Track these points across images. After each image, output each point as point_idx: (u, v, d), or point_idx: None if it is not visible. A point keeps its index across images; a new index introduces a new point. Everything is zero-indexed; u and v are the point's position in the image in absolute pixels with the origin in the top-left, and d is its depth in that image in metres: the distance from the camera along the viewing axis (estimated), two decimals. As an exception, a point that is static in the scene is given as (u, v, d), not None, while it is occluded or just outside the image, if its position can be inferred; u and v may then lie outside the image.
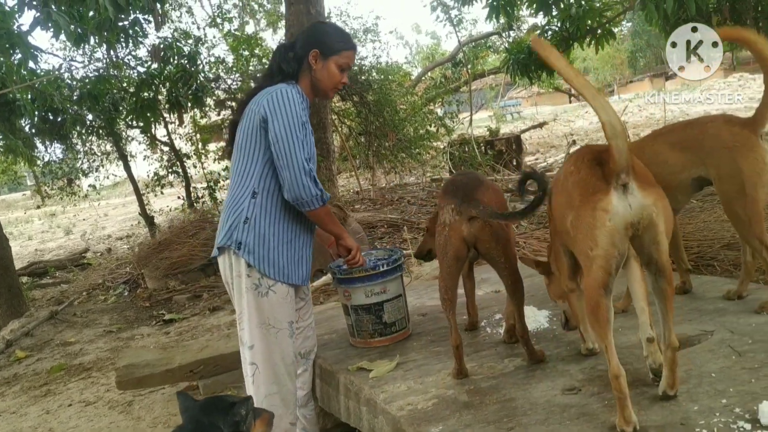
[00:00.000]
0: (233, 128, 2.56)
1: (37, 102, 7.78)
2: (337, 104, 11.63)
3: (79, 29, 6.03)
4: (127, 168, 10.66)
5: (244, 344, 2.48)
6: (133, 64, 9.43)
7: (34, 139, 9.48)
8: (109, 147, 11.31)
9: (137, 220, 12.49)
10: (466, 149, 12.40)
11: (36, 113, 8.05)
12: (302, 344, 2.74)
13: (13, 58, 5.98)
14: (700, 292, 2.84)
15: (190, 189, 10.95)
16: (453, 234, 2.27)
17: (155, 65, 8.89)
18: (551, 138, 20.55)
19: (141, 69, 9.13)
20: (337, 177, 9.75)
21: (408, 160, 11.77)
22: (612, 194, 1.74)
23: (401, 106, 11.67)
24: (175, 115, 9.71)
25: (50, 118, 8.61)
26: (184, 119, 10.55)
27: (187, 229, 8.49)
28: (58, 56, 9.79)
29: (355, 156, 12.77)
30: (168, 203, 11.56)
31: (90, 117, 9.56)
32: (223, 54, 11.95)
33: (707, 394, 1.88)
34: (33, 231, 16.85)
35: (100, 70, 9.42)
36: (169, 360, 4.17)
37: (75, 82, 9.18)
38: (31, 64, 6.08)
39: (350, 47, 2.59)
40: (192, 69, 8.88)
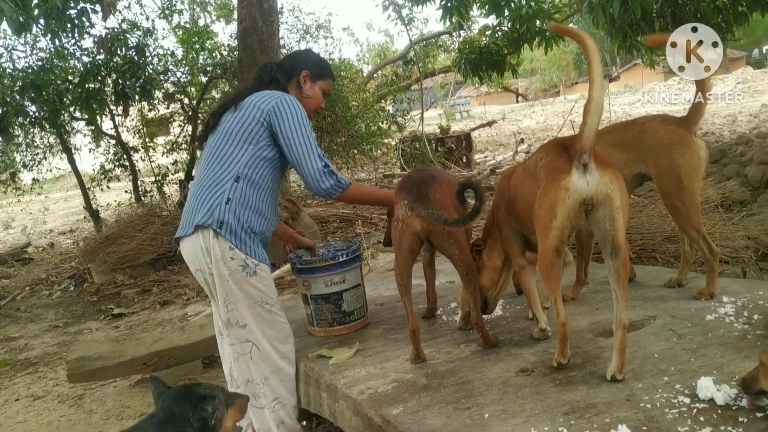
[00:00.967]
0: (217, 116, 2.62)
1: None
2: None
3: (21, 17, 5.87)
4: (72, 161, 10.37)
5: (234, 325, 2.48)
6: (79, 54, 9.19)
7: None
8: (52, 140, 10.98)
9: (82, 215, 12.16)
10: (417, 146, 12.54)
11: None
12: None
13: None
14: (644, 281, 3.00)
15: (138, 183, 10.75)
16: (407, 229, 2.35)
17: (102, 56, 8.68)
18: (499, 136, 20.97)
19: (86, 59, 8.90)
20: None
21: (360, 156, 11.81)
22: (573, 173, 1.96)
23: (353, 103, 11.69)
24: (122, 108, 9.50)
25: (-10, 110, 8.33)
26: (131, 112, 10.35)
27: (135, 223, 8.36)
28: (-3, 45, 9.38)
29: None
30: (114, 197, 11.31)
31: (33, 108, 9.26)
32: (173, 47, 11.76)
33: (650, 373, 2.01)
34: (-31, 226, 16.23)
35: (44, 60, 9.14)
36: (122, 352, 4.14)
37: (17, 72, 8.88)
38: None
39: (333, 77, 2.88)
40: (140, 61, 8.72)
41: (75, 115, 10.12)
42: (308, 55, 2.99)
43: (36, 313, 6.87)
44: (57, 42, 8.89)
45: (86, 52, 9.08)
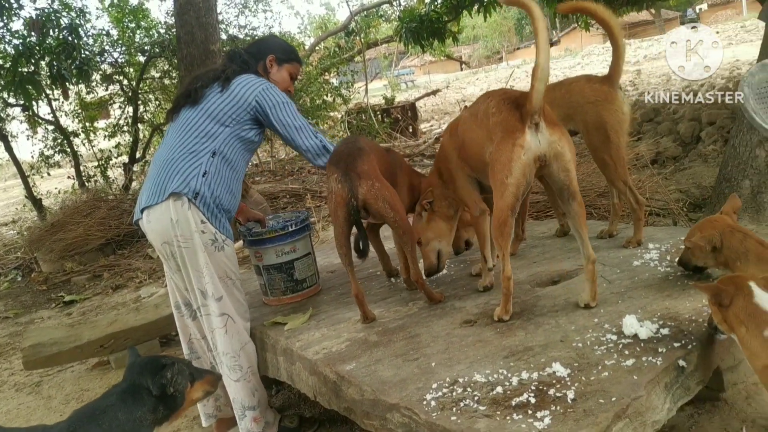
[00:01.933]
0: (199, 92, 2.66)
1: None
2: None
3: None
4: (9, 149, 10.04)
5: (209, 296, 2.54)
6: (8, 38, 8.88)
7: None
8: (-15, 127, 10.61)
9: (23, 204, 11.84)
10: (363, 118, 12.59)
11: None
12: None
13: None
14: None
15: (80, 168, 10.51)
16: (340, 201, 2.44)
17: (34, 38, 8.41)
18: (444, 105, 21.12)
19: (17, 42, 8.60)
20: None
21: (306, 130, 11.77)
22: (527, 132, 2.11)
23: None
24: (59, 91, 9.24)
25: None
26: (69, 95, 10.07)
27: (80, 209, 8.21)
28: None
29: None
30: (56, 185, 11.04)
31: (-38, 95, 8.95)
32: (108, 27, 11.44)
33: (582, 316, 2.18)
34: None
35: (-29, 45, 8.82)
36: (78, 336, 4.14)
37: (-57, 58, 8.55)
38: None
39: (299, 61, 3.00)
40: (75, 42, 8.48)
41: (9, 101, 9.79)
42: (273, 40, 3.12)
43: (-17, 306, 6.75)
44: (-15, 25, 8.59)
45: (17, 35, 8.79)
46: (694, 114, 7.77)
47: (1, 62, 9.04)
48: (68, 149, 10.41)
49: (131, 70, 10.82)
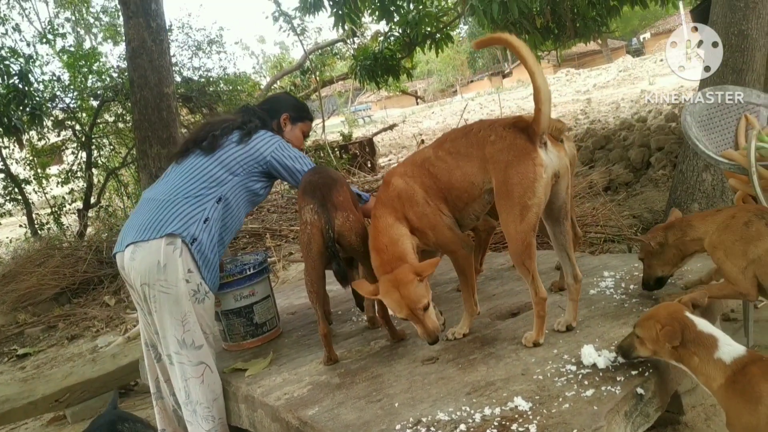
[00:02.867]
0: (214, 138, 2.67)
1: None
2: (186, 117, 11.40)
3: None
4: (-44, 199, 9.79)
5: (189, 346, 2.47)
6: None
7: None
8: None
9: (-27, 255, 11.49)
10: (322, 154, 12.62)
11: None
12: None
13: None
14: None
15: (33, 216, 10.26)
16: (315, 231, 2.43)
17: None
18: (402, 139, 21.32)
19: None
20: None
21: (265, 168, 11.75)
22: (539, 152, 2.15)
23: (253, 116, 11.62)
24: (11, 140, 9.04)
25: None
26: (23, 143, 9.87)
27: (33, 258, 8.02)
28: None
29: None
30: (8, 234, 10.75)
31: None
32: (59, 72, 11.28)
33: (543, 348, 2.19)
34: None
35: None
36: (31, 392, 4.01)
37: None
38: None
39: (311, 118, 3.10)
40: (25, 89, 8.35)
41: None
42: (287, 98, 3.17)
43: (-70, 363, 6.47)
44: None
45: (-37, 84, 8.62)
46: (643, 140, 8.00)
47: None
48: (20, 197, 10.17)
49: (84, 114, 10.68)
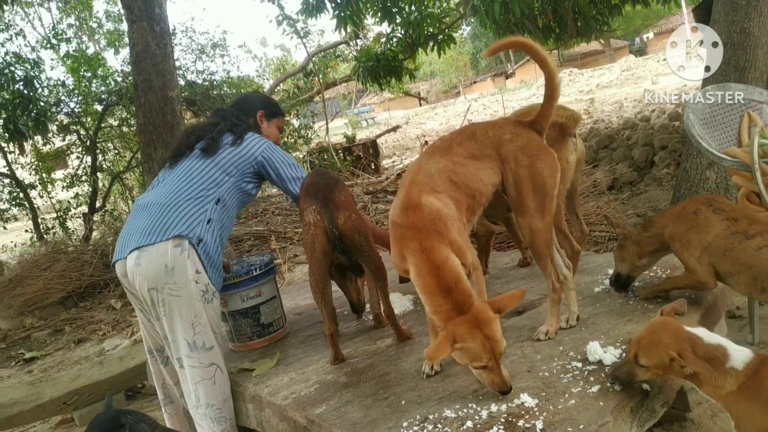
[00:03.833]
0: (196, 138, 2.74)
1: None
2: (190, 120, 11.44)
3: None
4: (-38, 204, 9.85)
5: (200, 348, 2.48)
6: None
7: None
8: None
9: (-22, 260, 11.55)
10: (325, 157, 12.64)
11: None
12: None
13: None
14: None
15: (38, 221, 10.31)
16: (318, 231, 2.45)
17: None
18: (405, 140, 21.37)
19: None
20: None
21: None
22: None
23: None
24: (15, 145, 9.09)
25: None
26: (26, 148, 9.93)
27: (39, 262, 8.08)
28: None
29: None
30: (13, 238, 10.80)
31: None
32: (63, 77, 11.36)
33: (548, 345, 2.20)
34: None
35: None
36: (39, 395, 4.02)
37: None
38: None
39: (284, 113, 3.20)
40: (30, 94, 8.40)
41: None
42: (257, 96, 3.25)
43: (-62, 368, 6.50)
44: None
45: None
46: (647, 139, 8.00)
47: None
48: (25, 202, 10.22)
49: (88, 119, 10.74)
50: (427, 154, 2.29)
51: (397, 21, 9.52)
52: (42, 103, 8.82)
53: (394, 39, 9.87)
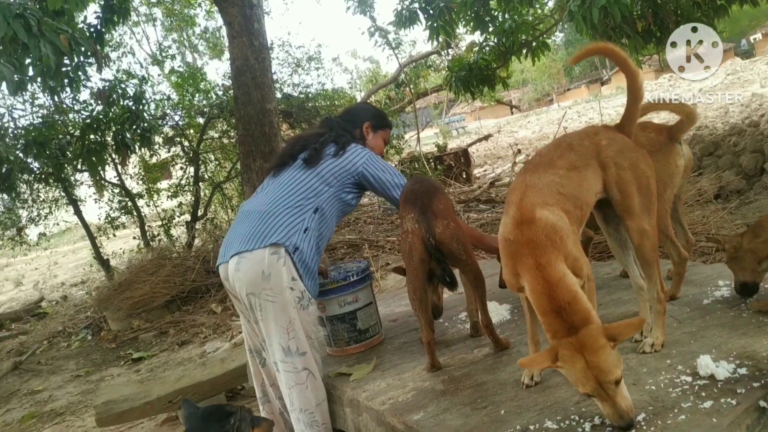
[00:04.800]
0: (301, 147, 2.83)
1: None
2: (286, 132, 11.80)
3: (16, 76, 6.03)
4: (78, 213, 10.49)
5: (294, 353, 2.55)
6: (77, 108, 9.39)
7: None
8: (57, 193, 11.11)
9: (90, 265, 12.31)
10: (417, 166, 12.70)
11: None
12: None
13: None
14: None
15: (145, 228, 10.90)
16: (416, 240, 2.46)
17: (100, 108, 8.87)
18: (497, 149, 21.12)
19: (85, 113, 9.07)
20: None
21: (361, 181, 11.95)
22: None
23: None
24: (119, 157, 9.62)
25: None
26: (129, 161, 10.49)
27: (146, 267, 8.49)
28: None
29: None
30: (121, 245, 11.46)
31: (36, 165, 9.39)
32: (168, 91, 11.98)
33: (654, 358, 2.12)
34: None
35: (44, 117, 9.31)
36: (147, 393, 4.24)
37: (19, 130, 9.05)
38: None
39: (390, 126, 3.22)
40: (138, 109, 8.90)
41: (78, 167, 10.29)
42: (366, 107, 3.35)
43: (57, 365, 6.97)
44: (56, 98, 9.10)
45: (84, 106, 9.27)
46: (755, 146, 7.57)
47: (71, 130, 9.53)
48: (133, 210, 10.81)
49: (191, 131, 11.26)
50: (529, 170, 2.23)
51: (490, 29, 9.45)
52: (149, 117, 9.30)
53: (487, 47, 9.79)
